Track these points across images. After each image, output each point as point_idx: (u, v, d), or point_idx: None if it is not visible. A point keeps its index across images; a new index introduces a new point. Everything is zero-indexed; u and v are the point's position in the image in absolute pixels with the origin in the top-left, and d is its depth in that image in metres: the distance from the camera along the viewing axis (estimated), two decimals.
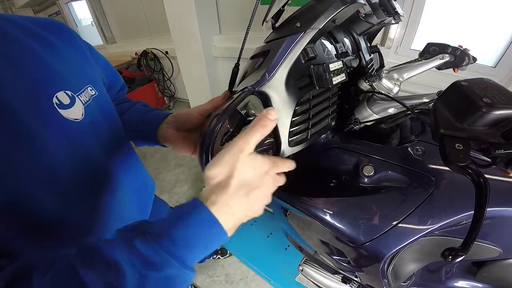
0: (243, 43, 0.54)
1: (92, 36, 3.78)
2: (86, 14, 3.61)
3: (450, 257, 0.32)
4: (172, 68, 3.15)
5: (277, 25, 0.52)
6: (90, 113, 0.46)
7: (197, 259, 0.31)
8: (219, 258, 1.58)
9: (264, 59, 0.49)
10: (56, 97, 0.41)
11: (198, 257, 0.31)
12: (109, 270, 0.26)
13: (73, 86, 0.44)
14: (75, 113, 0.43)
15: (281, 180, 0.39)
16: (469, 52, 0.72)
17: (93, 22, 3.59)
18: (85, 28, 3.83)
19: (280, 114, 0.49)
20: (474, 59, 0.75)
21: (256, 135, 0.33)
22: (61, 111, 0.41)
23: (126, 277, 0.26)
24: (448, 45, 0.71)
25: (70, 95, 0.43)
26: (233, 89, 0.55)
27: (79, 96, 0.44)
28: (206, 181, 0.32)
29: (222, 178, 0.32)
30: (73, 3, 3.66)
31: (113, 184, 0.54)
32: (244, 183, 0.32)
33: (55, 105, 0.40)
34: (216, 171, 0.32)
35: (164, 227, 0.29)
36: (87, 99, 0.46)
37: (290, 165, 0.40)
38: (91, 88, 0.48)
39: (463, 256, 0.31)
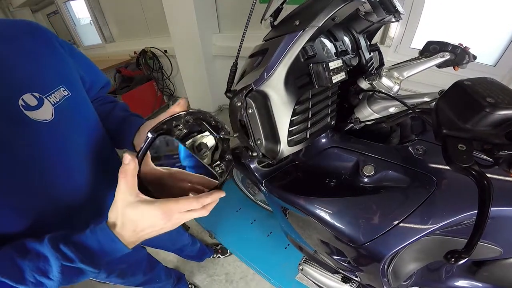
0: (241, 41, 0.53)
1: (91, 35, 3.75)
2: (84, 13, 3.56)
3: (452, 259, 0.32)
4: (171, 67, 3.13)
5: (275, 23, 0.52)
6: (61, 113, 0.47)
7: (102, 261, 0.42)
8: (219, 257, 1.58)
9: (263, 58, 0.49)
10: (22, 99, 0.42)
11: (103, 260, 0.42)
12: (38, 260, 0.39)
13: (42, 87, 0.45)
14: (44, 114, 0.44)
15: (199, 213, 0.41)
16: (469, 50, 0.72)
17: (91, 21, 3.56)
18: (84, 27, 3.79)
19: (279, 113, 0.49)
20: (474, 57, 0.74)
21: (121, 183, 0.38)
22: (27, 113, 0.42)
23: (52, 265, 0.39)
24: (449, 43, 0.71)
25: (38, 96, 0.44)
26: (232, 88, 0.54)
27: (48, 97, 0.45)
28: (114, 215, 0.40)
29: (114, 216, 0.40)
30: (71, 2, 3.61)
31: (90, 183, 0.55)
32: (128, 226, 0.40)
33: (21, 107, 0.41)
34: (111, 212, 0.41)
35: (81, 239, 0.41)
36: (58, 100, 0.47)
37: (189, 204, 0.39)
38: (63, 89, 0.48)
39: (467, 259, 0.31)
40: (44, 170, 0.45)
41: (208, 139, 0.44)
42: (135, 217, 0.39)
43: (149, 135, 0.38)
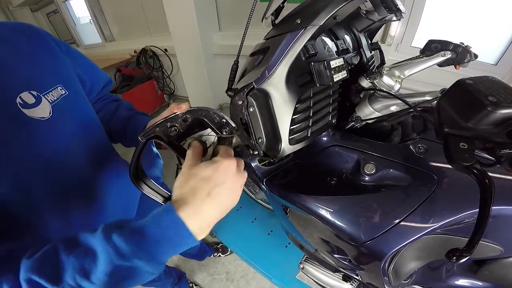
0: (242, 40, 0.53)
1: (91, 34, 3.74)
2: (84, 12, 3.56)
3: (454, 258, 0.32)
4: (172, 65, 3.13)
5: (277, 21, 0.52)
6: (59, 111, 0.47)
7: (166, 256, 0.35)
8: (219, 256, 1.58)
9: (264, 56, 0.49)
10: (20, 97, 0.42)
11: (167, 254, 0.34)
12: (85, 256, 0.32)
13: (40, 86, 0.46)
14: (41, 112, 0.45)
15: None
16: (471, 49, 0.72)
17: (91, 20, 3.56)
18: (84, 26, 3.78)
19: (281, 112, 0.49)
20: (475, 56, 0.74)
21: (188, 153, 0.38)
22: (25, 111, 0.43)
23: (99, 263, 0.32)
24: (450, 42, 0.71)
25: (36, 94, 0.44)
26: (233, 87, 0.54)
27: (46, 96, 0.46)
28: (174, 191, 0.36)
29: (181, 183, 0.35)
30: (70, 1, 3.61)
31: (89, 180, 0.55)
32: (200, 190, 0.34)
33: (18, 105, 0.42)
34: (177, 183, 0.36)
35: (139, 225, 0.33)
36: (55, 98, 0.48)
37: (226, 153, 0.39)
38: (61, 88, 0.49)
39: (468, 257, 0.31)
40: (43, 168, 0.46)
41: (209, 136, 0.44)
42: (201, 173, 0.35)
43: (140, 139, 0.39)
